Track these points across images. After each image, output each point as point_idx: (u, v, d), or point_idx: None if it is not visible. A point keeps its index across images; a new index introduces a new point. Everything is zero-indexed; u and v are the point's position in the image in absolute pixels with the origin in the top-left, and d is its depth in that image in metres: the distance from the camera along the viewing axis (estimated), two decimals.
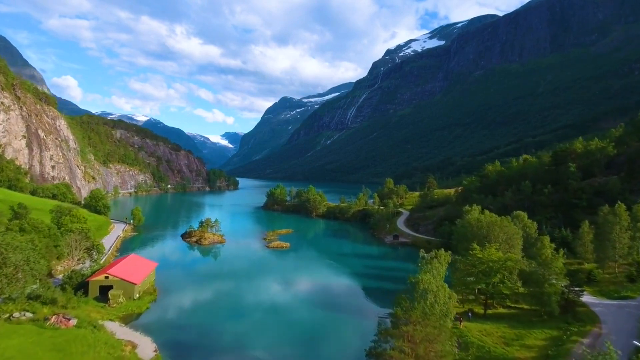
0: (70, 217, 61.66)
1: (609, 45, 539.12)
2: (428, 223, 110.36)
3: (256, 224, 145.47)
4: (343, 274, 75.05)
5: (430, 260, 35.52)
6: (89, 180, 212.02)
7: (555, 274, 43.63)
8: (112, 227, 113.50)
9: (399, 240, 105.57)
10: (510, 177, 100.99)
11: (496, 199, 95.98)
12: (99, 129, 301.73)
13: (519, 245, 54.50)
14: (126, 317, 46.90)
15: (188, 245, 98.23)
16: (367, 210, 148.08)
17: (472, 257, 46.50)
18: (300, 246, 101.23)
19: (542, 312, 44.06)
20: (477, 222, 56.86)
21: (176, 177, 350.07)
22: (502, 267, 45.44)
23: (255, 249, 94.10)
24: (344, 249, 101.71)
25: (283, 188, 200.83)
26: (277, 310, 53.14)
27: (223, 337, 44.24)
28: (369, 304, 58.18)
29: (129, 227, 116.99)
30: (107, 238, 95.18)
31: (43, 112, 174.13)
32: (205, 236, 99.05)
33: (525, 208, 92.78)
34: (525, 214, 61.22)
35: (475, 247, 47.83)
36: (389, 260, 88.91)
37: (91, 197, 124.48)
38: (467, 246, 51.74)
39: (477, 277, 45.80)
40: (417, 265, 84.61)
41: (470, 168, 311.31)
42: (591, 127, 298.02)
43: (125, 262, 57.23)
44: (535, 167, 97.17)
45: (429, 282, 30.81)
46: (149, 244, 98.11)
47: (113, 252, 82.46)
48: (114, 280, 51.33)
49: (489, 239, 52.70)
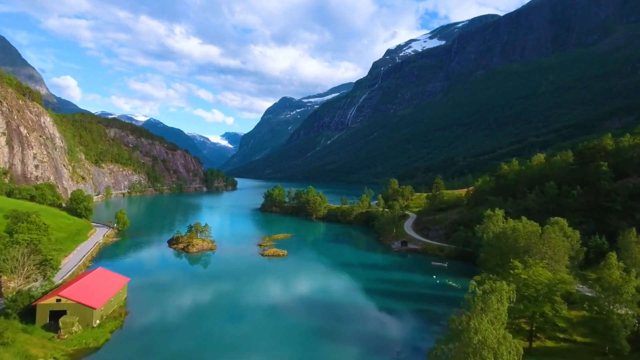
0: (28, 224, 52.02)
1: (611, 45, 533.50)
2: (439, 228, 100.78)
3: (252, 228, 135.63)
4: (348, 290, 65.09)
5: (486, 296, 25.08)
6: (78, 181, 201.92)
7: (625, 301, 33.95)
8: (93, 231, 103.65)
9: (408, 247, 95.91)
10: (531, 177, 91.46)
11: (516, 201, 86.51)
12: (91, 127, 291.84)
13: (565, 260, 44.89)
14: (77, 353, 37.14)
15: (175, 252, 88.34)
16: (370, 213, 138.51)
17: (514, 278, 36.85)
18: (298, 254, 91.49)
19: (607, 349, 34.53)
20: (514, 232, 46.87)
21: (172, 178, 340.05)
22: (552, 291, 35.82)
23: (248, 258, 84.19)
24: (348, 257, 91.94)
25: (281, 189, 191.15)
26: (270, 340, 43.45)
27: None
28: (381, 331, 48.27)
29: (112, 231, 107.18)
30: (83, 245, 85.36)
31: (26, 107, 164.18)
32: (193, 243, 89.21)
33: (550, 212, 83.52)
34: (564, 220, 51.40)
35: (517, 264, 38.25)
36: (398, 270, 79.11)
37: (72, 199, 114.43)
38: (501, 262, 42.31)
39: (522, 303, 36.17)
40: (430, 276, 76.81)
41: (473, 168, 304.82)
42: (597, 126, 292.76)
43: (87, 280, 47.47)
44: (560, 166, 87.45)
45: (487, 333, 20.89)
46: (130, 251, 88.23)
47: (86, 262, 72.66)
48: (67, 303, 41.56)
49: (530, 253, 43.05)
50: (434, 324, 47.69)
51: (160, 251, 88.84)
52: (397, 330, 48.15)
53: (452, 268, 79.11)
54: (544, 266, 39.01)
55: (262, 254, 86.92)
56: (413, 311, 54.05)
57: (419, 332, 47.07)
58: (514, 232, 46.78)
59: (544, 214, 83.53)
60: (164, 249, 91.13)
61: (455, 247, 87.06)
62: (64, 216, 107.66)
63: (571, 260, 46.07)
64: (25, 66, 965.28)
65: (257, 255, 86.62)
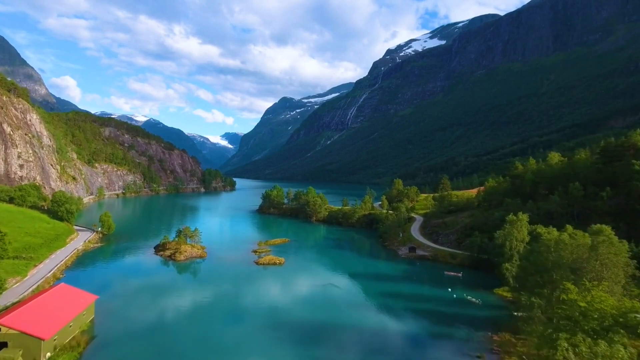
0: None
1: (613, 44, 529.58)
2: (449, 232, 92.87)
3: (247, 231, 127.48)
4: (352, 308, 56.65)
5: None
6: (68, 181, 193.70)
7: None
8: (75, 236, 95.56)
9: (417, 254, 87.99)
10: (552, 177, 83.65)
11: (537, 204, 78.70)
12: (85, 126, 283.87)
13: (622, 279, 36.95)
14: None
15: (161, 260, 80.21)
16: (374, 215, 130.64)
17: (569, 305, 28.95)
18: (297, 262, 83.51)
19: None
20: (557, 245, 38.65)
21: (169, 178, 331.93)
22: (621, 322, 27.87)
23: (241, 267, 76.06)
24: (351, 265, 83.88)
25: (280, 189, 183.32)
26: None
27: None
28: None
29: (96, 236, 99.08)
30: (59, 253, 77.24)
31: (10, 104, 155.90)
32: (181, 249, 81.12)
33: (574, 216, 75.92)
34: (609, 229, 43.23)
35: (570, 287, 30.38)
36: (409, 282, 70.99)
37: (53, 201, 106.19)
38: (542, 281, 34.48)
39: (577, 335, 28.21)
40: (445, 288, 67.53)
41: (476, 168, 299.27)
42: (601, 125, 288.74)
43: (40, 301, 39.47)
44: (584, 165, 79.54)
45: None
46: (111, 259, 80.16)
47: (57, 273, 64.59)
48: (8, 333, 33.61)
49: (580, 271, 35.15)
50: (460, 354, 39.85)
51: (145, 259, 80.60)
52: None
53: (468, 278, 71.26)
54: (605, 290, 31.15)
55: (257, 262, 78.86)
56: (431, 335, 46.09)
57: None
58: (558, 244, 38.57)
59: (567, 218, 76.03)
60: (149, 256, 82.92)
61: (469, 254, 79.23)
62: (43, 220, 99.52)
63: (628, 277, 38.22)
64: (24, 66, 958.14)
65: (251, 263, 78.54)
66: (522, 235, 59.75)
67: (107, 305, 48.12)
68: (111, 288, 58.96)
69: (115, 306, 49.58)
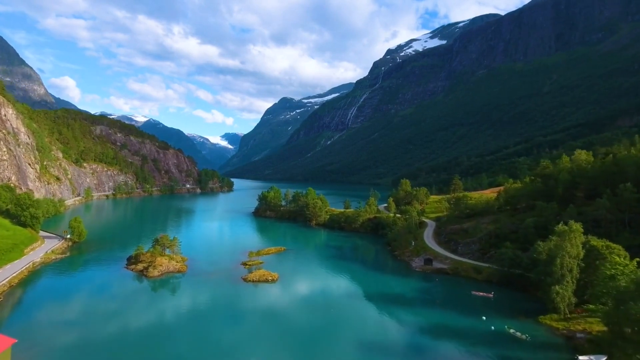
0: None
1: (616, 44, 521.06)
2: (471, 241, 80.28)
3: (239, 238, 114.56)
4: (361, 349, 44.33)
5: None
6: (50, 182, 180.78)
7: None
8: (37, 245, 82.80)
9: (434, 266, 75.44)
10: (593, 177, 71.37)
11: (578, 209, 66.38)
12: (74, 124, 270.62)
13: None
14: None
15: (132, 275, 67.34)
16: (380, 219, 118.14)
17: None
18: (293, 277, 70.88)
19: None
20: None
21: (163, 178, 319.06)
22: None
23: (225, 285, 63.00)
24: (357, 281, 71.10)
25: (277, 191, 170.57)
26: None
27: None
28: None
29: (63, 245, 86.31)
30: (9, 267, 64.40)
31: None
32: (156, 262, 68.27)
33: (627, 223, 63.61)
34: None
35: None
36: (430, 305, 57.70)
37: (16, 204, 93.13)
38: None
39: None
40: (478, 315, 47.21)
41: (480, 168, 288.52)
42: (607, 125, 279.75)
43: None
44: (636, 162, 66.81)
45: None
46: (73, 274, 67.27)
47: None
48: None
49: None
50: None
51: (110, 275, 67.34)
52: None
53: (500, 300, 58.74)
54: None
55: (246, 278, 66.05)
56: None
57: None
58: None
59: (617, 226, 63.87)
60: (117, 270, 69.83)
61: (497, 269, 66.80)
62: (2, 226, 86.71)
63: None
64: (22, 66, 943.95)
65: (239, 280, 65.65)
66: (577, 251, 47.48)
67: (28, 354, 35.20)
68: (44, 323, 45.15)
69: (36, 354, 36.26)
